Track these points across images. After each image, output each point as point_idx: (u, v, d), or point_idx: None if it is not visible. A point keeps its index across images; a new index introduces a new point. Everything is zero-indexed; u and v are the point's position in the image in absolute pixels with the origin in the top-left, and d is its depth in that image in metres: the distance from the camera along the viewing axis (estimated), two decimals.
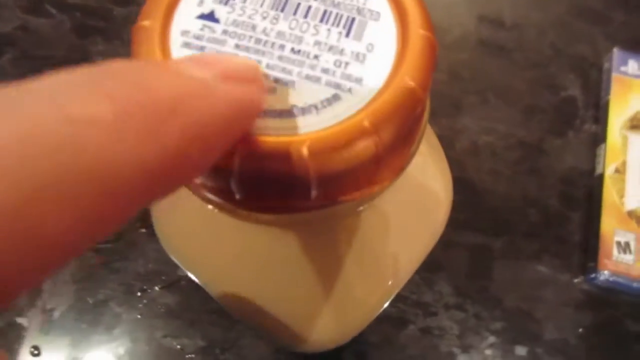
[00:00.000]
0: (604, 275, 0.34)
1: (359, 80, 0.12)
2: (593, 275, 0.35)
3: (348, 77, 0.12)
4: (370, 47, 0.12)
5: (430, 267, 0.35)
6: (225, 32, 0.13)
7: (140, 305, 0.33)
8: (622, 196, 0.36)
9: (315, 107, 0.12)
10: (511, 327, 0.34)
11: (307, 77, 0.12)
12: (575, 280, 0.35)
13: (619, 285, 0.34)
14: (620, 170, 0.36)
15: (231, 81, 0.10)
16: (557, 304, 0.35)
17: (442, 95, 0.40)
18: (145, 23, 0.13)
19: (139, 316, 0.33)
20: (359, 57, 0.12)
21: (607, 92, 0.39)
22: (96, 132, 0.07)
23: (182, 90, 0.09)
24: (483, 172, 0.38)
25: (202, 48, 0.12)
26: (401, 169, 0.13)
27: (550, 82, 0.41)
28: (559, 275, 0.36)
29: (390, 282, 0.20)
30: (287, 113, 0.12)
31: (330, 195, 0.12)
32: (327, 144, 0.11)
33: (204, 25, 0.13)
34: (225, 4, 0.13)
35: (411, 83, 0.12)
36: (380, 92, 0.12)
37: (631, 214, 0.36)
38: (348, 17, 0.13)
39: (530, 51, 0.42)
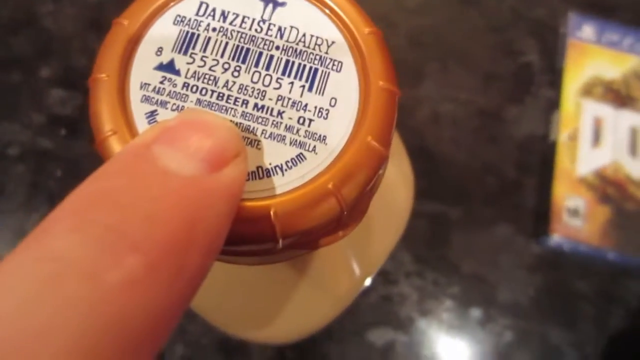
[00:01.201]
0: (555, 239, 0.36)
1: (322, 139, 0.12)
2: (545, 239, 0.36)
3: (312, 136, 0.12)
4: (333, 102, 0.13)
5: None
6: (186, 85, 0.13)
7: None
8: (574, 162, 0.37)
9: (281, 168, 0.12)
10: (467, 291, 0.36)
11: (272, 136, 0.12)
12: (529, 245, 0.37)
13: (568, 248, 0.36)
14: (573, 137, 0.38)
15: (217, 164, 0.10)
16: (511, 268, 0.37)
17: (403, 62, 0.40)
18: (102, 76, 0.12)
19: None
20: (322, 113, 0.12)
21: (563, 58, 0.40)
22: (136, 293, 0.07)
23: (187, 207, 0.09)
24: (443, 141, 0.39)
25: (163, 103, 0.12)
26: (363, 213, 0.14)
27: (509, 47, 0.41)
28: (514, 240, 0.38)
29: (358, 275, 0.21)
30: (254, 175, 0.12)
31: (296, 245, 0.13)
32: (294, 207, 0.12)
33: (164, 78, 0.13)
34: (185, 53, 0.13)
35: (373, 143, 0.12)
36: (343, 152, 0.12)
37: (582, 180, 0.37)
38: (310, 68, 0.13)
39: (491, 15, 0.42)
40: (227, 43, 0.13)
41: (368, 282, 0.21)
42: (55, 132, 0.37)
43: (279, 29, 0.13)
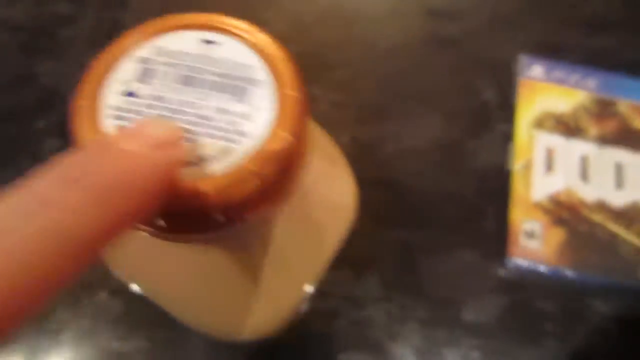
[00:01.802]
0: (515, 261, 0.39)
1: (247, 134, 0.16)
2: (505, 261, 0.39)
3: (239, 133, 0.16)
4: (256, 109, 0.16)
5: (360, 263, 0.39)
6: (147, 105, 0.16)
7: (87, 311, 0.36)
8: (529, 189, 0.40)
9: (216, 157, 0.15)
10: (434, 314, 0.39)
11: (208, 135, 0.16)
12: (491, 267, 0.40)
13: (527, 268, 0.39)
14: (528, 166, 0.41)
15: (160, 148, 0.13)
16: (476, 290, 0.40)
17: (370, 102, 0.44)
18: (81, 102, 0.16)
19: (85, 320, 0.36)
20: (247, 117, 0.16)
21: (515, 95, 0.43)
22: (65, 213, 0.11)
23: (121, 169, 0.12)
24: (407, 174, 0.42)
25: (127, 118, 0.16)
26: (287, 193, 0.17)
27: (468, 87, 0.45)
28: (477, 263, 0.40)
29: (300, 280, 0.23)
30: (196, 163, 0.15)
31: (233, 217, 0.16)
32: (227, 184, 0.15)
33: (128, 101, 0.16)
34: (143, 82, 0.16)
35: (284, 133, 0.15)
36: (263, 142, 0.15)
37: (537, 205, 0.40)
38: (238, 86, 0.16)
39: (451, 59, 0.46)
40: (176, 72, 0.17)
41: (309, 289, 0.24)
42: None
43: (215, 60, 0.17)
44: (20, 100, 0.43)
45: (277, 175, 0.16)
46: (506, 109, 0.45)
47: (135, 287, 0.24)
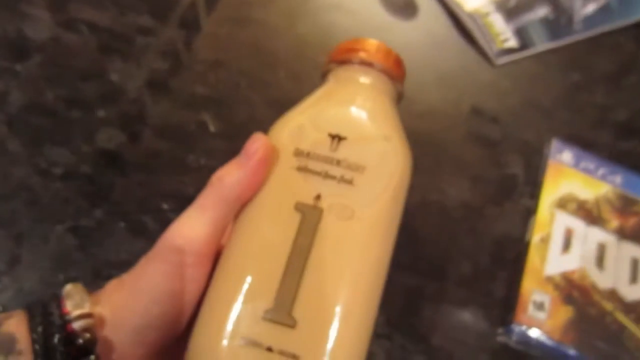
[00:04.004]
0: (519, 327, 0.38)
1: None
2: (510, 328, 0.38)
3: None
4: None
5: None
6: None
7: None
8: (543, 262, 0.41)
9: None
10: None
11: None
12: (495, 331, 0.39)
13: (531, 338, 0.38)
14: (545, 240, 0.41)
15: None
16: (476, 350, 0.39)
17: None
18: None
19: None
20: None
21: (543, 174, 0.44)
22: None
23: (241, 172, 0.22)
24: (428, 225, 0.43)
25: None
26: None
27: (497, 159, 0.46)
28: (481, 323, 0.40)
29: None
30: None
31: None
32: None
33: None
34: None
35: None
36: None
37: (549, 278, 0.40)
38: None
39: (485, 131, 0.48)
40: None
41: None
42: (95, 160, 0.43)
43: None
44: (88, 90, 0.46)
45: None
46: (532, 186, 0.46)
47: None
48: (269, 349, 0.18)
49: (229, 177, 0.22)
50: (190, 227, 0.22)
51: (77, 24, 0.48)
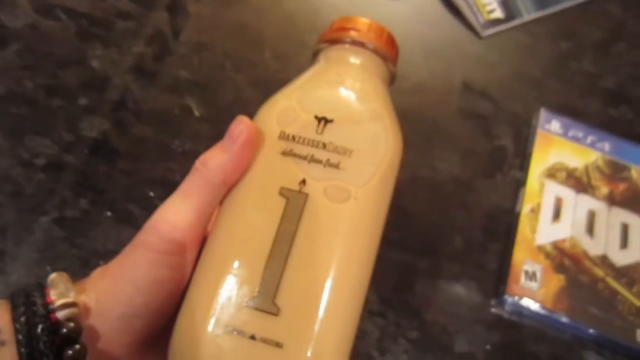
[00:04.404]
0: (512, 298, 0.38)
1: None
2: (503, 299, 0.38)
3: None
4: None
5: None
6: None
7: None
8: (534, 232, 0.40)
9: None
10: (426, 338, 0.38)
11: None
12: (488, 303, 0.39)
13: (523, 308, 0.38)
14: (535, 210, 0.41)
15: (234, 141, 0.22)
16: (470, 322, 0.39)
17: None
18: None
19: None
20: None
21: (532, 145, 0.44)
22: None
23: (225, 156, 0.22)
24: (419, 201, 0.42)
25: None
26: None
27: (487, 132, 0.46)
28: (474, 296, 0.40)
29: None
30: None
31: None
32: None
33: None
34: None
35: None
36: None
37: (540, 248, 0.40)
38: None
39: (474, 103, 0.47)
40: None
41: None
42: (79, 149, 0.42)
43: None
44: (69, 78, 0.45)
45: None
46: (521, 157, 0.45)
47: None
48: (252, 337, 0.18)
49: (213, 161, 0.22)
50: (175, 214, 0.21)
51: (55, 10, 0.47)
